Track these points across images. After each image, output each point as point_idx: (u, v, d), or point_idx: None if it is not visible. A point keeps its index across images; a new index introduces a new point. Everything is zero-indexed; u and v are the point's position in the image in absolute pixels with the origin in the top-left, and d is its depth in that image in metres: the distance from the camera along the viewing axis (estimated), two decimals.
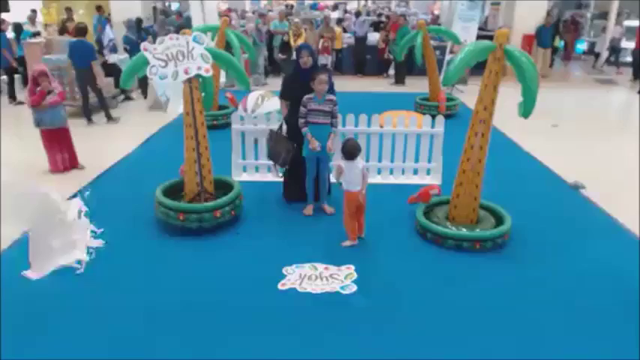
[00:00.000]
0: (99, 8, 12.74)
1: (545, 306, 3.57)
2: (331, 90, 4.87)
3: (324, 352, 3.10)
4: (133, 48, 10.45)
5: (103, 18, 12.82)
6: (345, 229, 4.43)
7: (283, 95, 5.11)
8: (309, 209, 5.02)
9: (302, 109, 4.67)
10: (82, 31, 8.44)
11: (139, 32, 11.14)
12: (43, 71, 5.96)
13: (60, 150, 6.21)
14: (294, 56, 6.25)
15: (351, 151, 4.26)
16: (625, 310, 3.50)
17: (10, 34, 10.70)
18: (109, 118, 8.74)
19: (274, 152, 5.09)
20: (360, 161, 4.30)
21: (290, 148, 4.91)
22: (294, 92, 4.89)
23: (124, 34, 11.10)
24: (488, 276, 3.95)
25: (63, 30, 12.23)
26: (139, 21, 11.64)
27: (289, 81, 5.14)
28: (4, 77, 10.81)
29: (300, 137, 4.83)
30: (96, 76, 8.35)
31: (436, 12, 20.36)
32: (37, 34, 11.68)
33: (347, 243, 4.41)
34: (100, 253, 4.21)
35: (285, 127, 5.10)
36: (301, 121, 4.70)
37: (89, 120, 8.58)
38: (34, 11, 13.55)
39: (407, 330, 3.30)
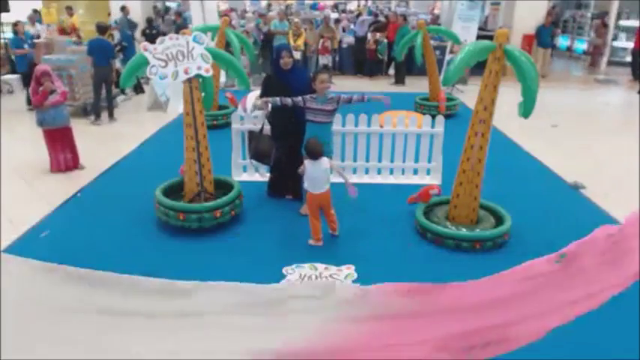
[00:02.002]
0: (123, 8, 12.67)
1: None
2: (308, 81, 4.76)
3: None
4: (130, 43, 11.27)
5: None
6: (310, 228, 4.42)
7: (263, 96, 5.04)
8: (307, 209, 5.01)
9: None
10: (102, 29, 8.57)
11: (150, 29, 12.07)
12: (46, 71, 5.94)
13: (62, 149, 6.19)
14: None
15: (313, 149, 4.21)
16: (625, 310, 3.50)
17: (9, 34, 10.70)
18: (112, 116, 8.81)
19: (260, 152, 5.10)
20: (324, 161, 4.26)
21: (276, 147, 4.94)
22: (273, 93, 4.85)
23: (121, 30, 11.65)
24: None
25: (62, 31, 12.32)
26: (149, 20, 12.69)
27: (268, 82, 5.13)
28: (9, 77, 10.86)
29: (285, 136, 4.86)
30: (114, 75, 8.71)
31: (436, 12, 20.33)
32: (37, 37, 11.67)
33: (311, 242, 4.41)
34: (100, 253, 4.22)
35: (267, 126, 5.09)
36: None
37: (97, 117, 8.59)
38: (35, 11, 13.52)
39: None
